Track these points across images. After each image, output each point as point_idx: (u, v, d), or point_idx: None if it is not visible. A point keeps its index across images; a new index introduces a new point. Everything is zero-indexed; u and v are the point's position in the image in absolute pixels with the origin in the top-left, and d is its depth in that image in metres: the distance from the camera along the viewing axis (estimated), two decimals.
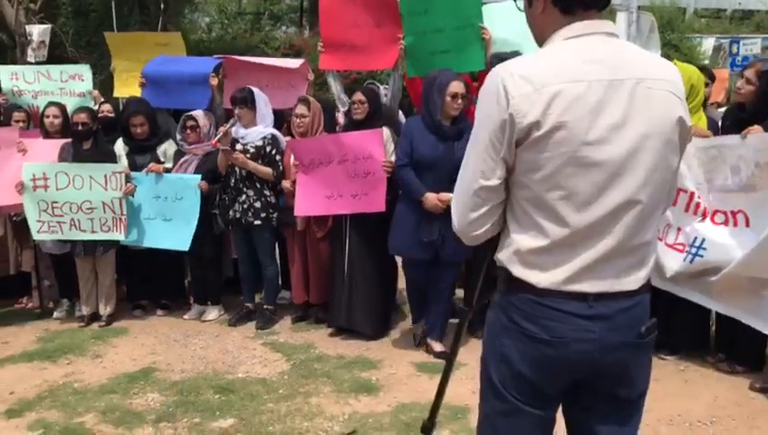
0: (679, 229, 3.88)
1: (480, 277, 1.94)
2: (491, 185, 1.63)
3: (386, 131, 4.48)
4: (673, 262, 3.87)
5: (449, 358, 2.05)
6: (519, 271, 1.65)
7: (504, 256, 1.69)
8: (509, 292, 1.68)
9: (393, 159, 4.41)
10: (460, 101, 4.04)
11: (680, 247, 3.87)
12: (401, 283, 4.92)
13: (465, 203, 1.69)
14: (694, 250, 3.81)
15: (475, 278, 1.96)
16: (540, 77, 1.53)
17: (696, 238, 3.81)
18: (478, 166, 1.64)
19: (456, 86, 4.03)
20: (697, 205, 3.84)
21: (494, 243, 1.76)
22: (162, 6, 12.99)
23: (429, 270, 4.26)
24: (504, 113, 1.55)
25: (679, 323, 4.11)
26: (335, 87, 5.14)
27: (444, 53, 4.61)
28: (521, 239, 1.64)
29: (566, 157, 1.53)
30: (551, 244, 1.60)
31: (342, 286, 4.65)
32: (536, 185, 1.58)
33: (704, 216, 3.82)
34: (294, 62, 5.68)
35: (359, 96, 4.66)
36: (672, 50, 12.74)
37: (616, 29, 1.67)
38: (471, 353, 1.96)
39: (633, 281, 1.64)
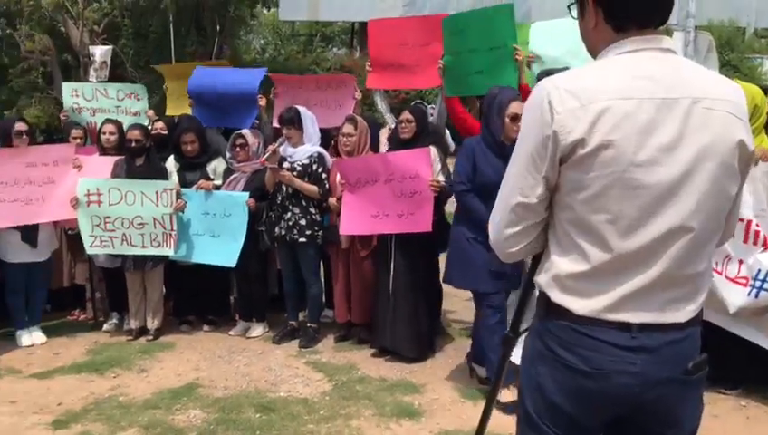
0: (741, 261, 3.67)
1: (526, 303, 1.86)
2: (529, 203, 1.56)
3: (433, 150, 4.44)
4: (736, 297, 3.64)
5: (494, 385, 1.97)
6: (557, 296, 1.57)
7: (542, 280, 1.62)
8: (547, 318, 1.60)
9: (440, 178, 4.35)
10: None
11: (743, 281, 3.65)
12: (445, 304, 4.85)
13: (501, 218, 1.63)
14: (758, 283, 3.58)
15: (522, 304, 1.89)
16: (587, 92, 1.46)
17: (759, 271, 3.59)
18: (517, 181, 1.58)
19: (516, 107, 3.71)
20: (756, 233, 3.62)
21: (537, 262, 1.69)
22: (218, 28, 13.34)
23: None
24: (547, 129, 1.48)
25: (740, 356, 3.89)
26: (381, 106, 5.15)
27: (477, 73, 4.54)
28: (561, 263, 1.56)
29: (612, 178, 1.45)
30: (592, 269, 1.51)
31: (386, 307, 4.59)
32: (580, 206, 1.50)
33: (765, 246, 3.60)
34: (343, 77, 5.69)
35: (406, 115, 4.64)
36: (731, 70, 12.37)
37: (673, 44, 1.59)
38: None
39: (682, 313, 1.53)
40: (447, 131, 5.16)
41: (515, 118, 3.65)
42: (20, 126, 5.08)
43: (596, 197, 1.48)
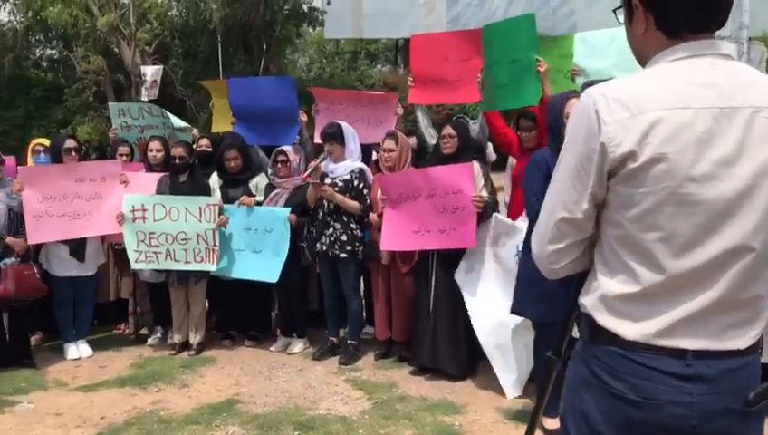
0: None
1: (570, 324, 1.77)
2: (573, 218, 1.47)
3: (476, 165, 4.37)
4: None
5: (536, 408, 1.88)
6: (604, 319, 1.47)
7: (588, 302, 1.52)
8: (592, 342, 1.50)
9: (484, 193, 4.28)
10: None
11: None
12: None
13: (544, 232, 1.55)
14: None
15: (566, 321, 1.79)
16: (637, 102, 1.37)
17: None
18: (561, 196, 1.49)
19: (573, 104, 3.61)
20: None
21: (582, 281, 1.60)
22: (265, 48, 13.57)
23: None
24: (594, 141, 1.39)
25: None
26: (423, 121, 5.11)
27: (502, 86, 4.45)
28: (608, 283, 1.46)
29: (666, 193, 1.36)
30: (642, 291, 1.41)
31: (427, 324, 4.51)
32: (630, 223, 1.41)
33: None
34: (384, 95, 5.67)
35: (448, 130, 4.58)
36: None
37: (732, 50, 1.48)
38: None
39: (742, 339, 1.41)
40: (490, 145, 5.07)
41: None
42: (69, 143, 5.22)
43: (647, 213, 1.38)
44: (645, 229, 1.39)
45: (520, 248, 4.06)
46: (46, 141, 5.83)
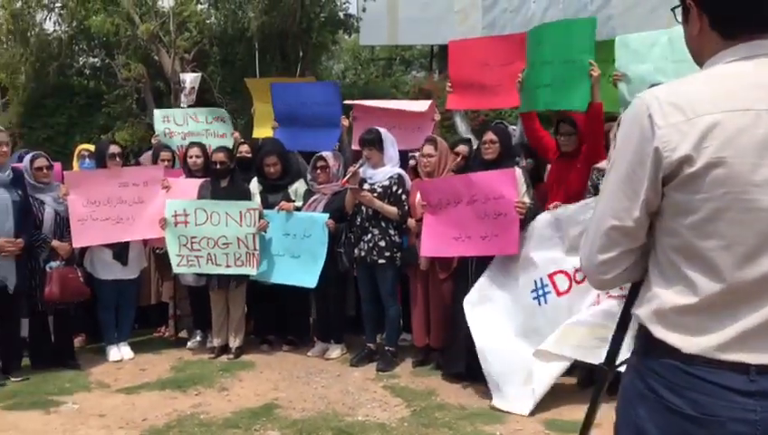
0: None
1: (623, 333, 1.72)
2: (625, 226, 1.42)
3: (518, 171, 4.32)
4: None
5: (585, 422, 1.83)
6: (661, 332, 1.40)
7: (643, 313, 1.46)
8: (648, 355, 1.44)
9: (526, 199, 4.23)
10: None
11: None
12: None
13: (593, 241, 1.49)
14: None
15: (617, 334, 1.74)
16: (693, 104, 1.32)
17: None
18: (611, 203, 1.44)
19: None
20: None
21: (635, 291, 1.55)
22: (301, 54, 13.66)
23: None
24: (647, 146, 1.34)
25: None
26: (461, 127, 5.08)
27: (546, 86, 4.39)
28: (665, 294, 1.40)
29: (726, 200, 1.30)
30: (701, 302, 1.35)
31: (465, 331, 4.46)
32: (687, 231, 1.35)
33: None
34: (422, 105, 5.67)
35: (490, 136, 4.55)
36: None
37: None
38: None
39: None
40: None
41: None
42: (113, 148, 5.32)
43: (707, 221, 1.33)
44: (704, 237, 1.34)
45: (539, 284, 4.02)
46: (91, 147, 5.96)
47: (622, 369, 1.64)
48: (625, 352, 1.71)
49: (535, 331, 4.11)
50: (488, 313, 4.25)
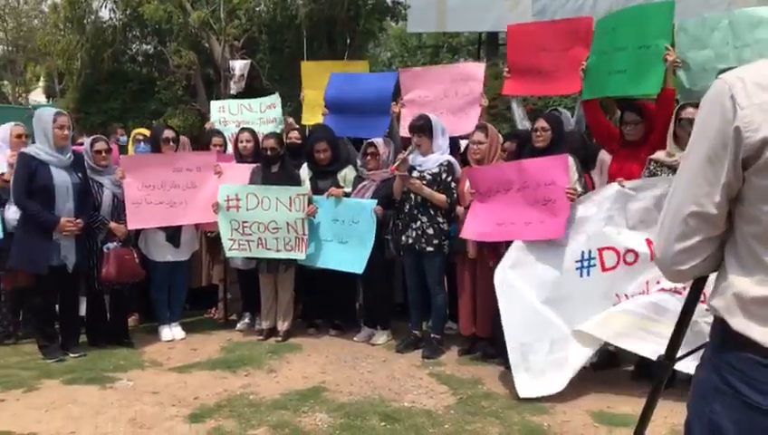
0: None
1: (686, 324, 1.68)
2: (704, 212, 1.38)
3: (570, 159, 4.24)
4: None
5: (642, 418, 1.79)
6: (739, 323, 1.35)
7: (719, 304, 1.41)
8: (724, 348, 1.40)
9: (578, 187, 4.16)
10: None
11: None
12: None
13: (671, 230, 1.44)
14: None
15: (680, 325, 1.70)
16: None
17: None
18: (690, 188, 1.39)
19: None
20: None
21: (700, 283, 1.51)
22: (348, 41, 13.69)
23: None
24: (728, 126, 1.30)
25: None
26: (518, 113, 5.02)
27: (620, 72, 4.29)
28: (743, 284, 1.35)
29: None
30: None
31: None
32: None
33: None
34: (475, 66, 5.58)
35: (541, 123, 4.48)
36: None
37: None
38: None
39: None
40: None
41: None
42: (168, 133, 5.43)
43: None
44: None
45: (586, 255, 3.97)
46: (146, 131, 6.09)
47: (682, 367, 1.58)
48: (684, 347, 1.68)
49: (565, 300, 4.09)
50: (518, 277, 4.20)
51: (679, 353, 1.66)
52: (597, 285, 4.06)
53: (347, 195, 5.16)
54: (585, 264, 4.10)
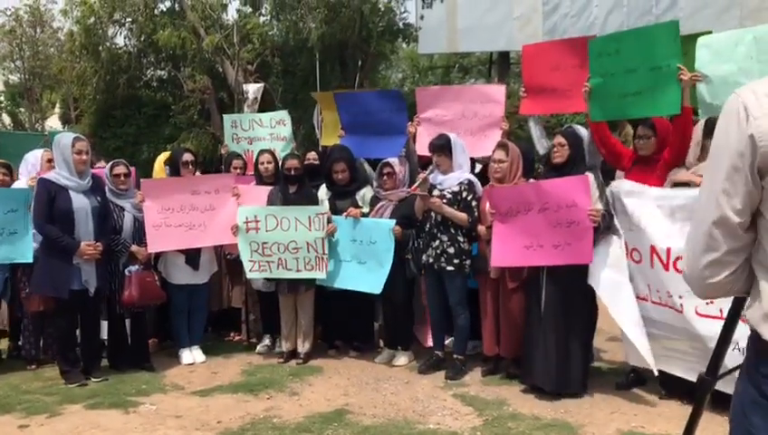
0: None
1: (728, 339, 1.64)
2: (728, 223, 1.38)
3: (591, 177, 4.22)
4: None
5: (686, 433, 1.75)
6: None
7: (752, 315, 1.41)
8: (759, 359, 1.39)
9: (599, 206, 4.13)
10: None
11: None
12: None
13: (696, 242, 1.45)
14: None
15: (721, 342, 1.66)
16: None
17: None
18: (713, 198, 1.40)
19: None
20: None
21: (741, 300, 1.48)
22: (360, 64, 13.79)
23: None
24: (743, 135, 1.32)
25: None
26: (535, 131, 5.01)
27: (636, 94, 4.27)
28: None
29: None
30: None
31: (537, 341, 4.38)
32: None
33: None
34: (495, 89, 5.58)
35: (559, 139, 4.47)
36: None
37: None
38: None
39: None
40: None
41: None
42: (187, 157, 5.47)
43: None
44: None
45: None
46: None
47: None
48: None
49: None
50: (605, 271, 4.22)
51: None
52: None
53: (365, 215, 5.15)
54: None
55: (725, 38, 4.43)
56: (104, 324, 5.03)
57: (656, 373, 4.08)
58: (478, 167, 5.37)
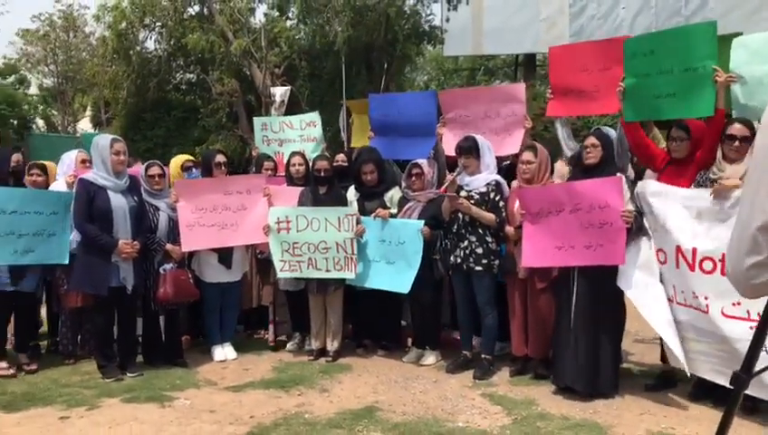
0: None
1: (762, 340, 1.67)
2: None
3: (623, 178, 4.23)
4: None
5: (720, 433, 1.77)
6: None
7: None
8: None
9: (630, 207, 4.14)
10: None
11: None
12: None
13: (741, 244, 1.45)
14: None
15: (756, 340, 1.68)
16: None
17: None
18: (757, 202, 1.40)
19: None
20: None
21: None
22: (386, 66, 13.87)
23: None
24: None
25: None
26: (562, 133, 5.02)
27: (670, 96, 4.25)
28: None
29: None
30: None
31: (567, 341, 4.40)
32: None
33: None
34: (515, 88, 5.61)
35: (592, 140, 4.48)
36: None
37: None
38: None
39: None
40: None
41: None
42: (219, 158, 5.59)
43: None
44: None
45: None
46: (190, 157, 6.30)
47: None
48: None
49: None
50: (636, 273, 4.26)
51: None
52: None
53: (393, 216, 5.21)
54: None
55: (763, 38, 4.40)
56: (139, 321, 5.15)
57: (689, 375, 4.08)
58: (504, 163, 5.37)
